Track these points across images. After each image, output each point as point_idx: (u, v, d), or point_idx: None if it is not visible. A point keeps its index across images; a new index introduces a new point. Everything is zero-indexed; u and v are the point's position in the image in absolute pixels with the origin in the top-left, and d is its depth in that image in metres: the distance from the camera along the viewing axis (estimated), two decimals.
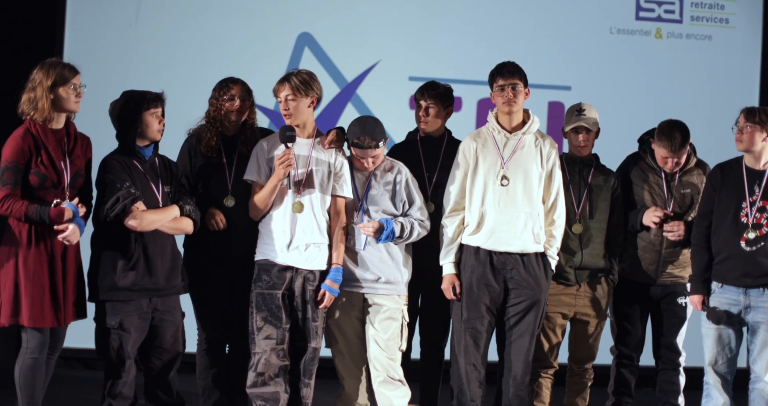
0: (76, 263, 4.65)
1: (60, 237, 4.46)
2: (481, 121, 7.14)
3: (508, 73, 5.00)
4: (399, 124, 6.26)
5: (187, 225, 4.84)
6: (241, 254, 5.03)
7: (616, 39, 7.38)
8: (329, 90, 6.96)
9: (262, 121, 5.86)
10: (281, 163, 4.80)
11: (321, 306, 4.89)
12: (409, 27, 7.20)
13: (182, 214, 4.81)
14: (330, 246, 4.96)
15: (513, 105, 5.00)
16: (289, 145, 4.84)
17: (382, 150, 4.99)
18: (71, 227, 4.46)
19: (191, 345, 5.14)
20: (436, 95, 5.27)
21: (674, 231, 5.29)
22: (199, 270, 5.06)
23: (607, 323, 5.50)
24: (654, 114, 6.94)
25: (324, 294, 4.89)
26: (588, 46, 7.34)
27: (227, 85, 5.13)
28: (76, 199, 4.51)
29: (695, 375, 5.61)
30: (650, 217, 5.28)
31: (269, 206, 4.93)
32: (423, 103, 5.29)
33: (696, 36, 7.44)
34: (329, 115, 7.03)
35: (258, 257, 4.96)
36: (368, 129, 4.89)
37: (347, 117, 6.87)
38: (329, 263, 4.95)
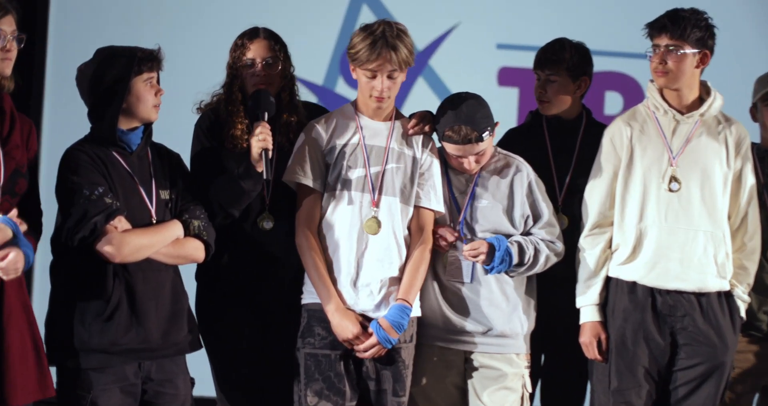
0: (25, 311, 3.25)
1: None
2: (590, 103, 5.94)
3: (664, 30, 3.73)
4: None
5: (195, 250, 3.48)
6: (281, 294, 3.71)
7: None
8: None
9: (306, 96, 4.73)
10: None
11: (365, 354, 3.51)
12: None
13: (188, 234, 3.45)
14: None
15: (663, 76, 3.76)
16: (266, 116, 3.60)
17: (490, 141, 3.75)
18: (12, 254, 3.08)
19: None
20: (558, 61, 4.11)
21: None
22: (220, 316, 3.72)
23: None
24: None
25: (371, 338, 3.50)
26: None
27: (242, 43, 3.72)
28: (14, 211, 3.14)
29: None
30: None
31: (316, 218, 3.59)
32: (540, 73, 4.15)
33: None
34: None
35: (307, 299, 3.66)
36: (466, 114, 3.66)
37: (417, 97, 5.92)
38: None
